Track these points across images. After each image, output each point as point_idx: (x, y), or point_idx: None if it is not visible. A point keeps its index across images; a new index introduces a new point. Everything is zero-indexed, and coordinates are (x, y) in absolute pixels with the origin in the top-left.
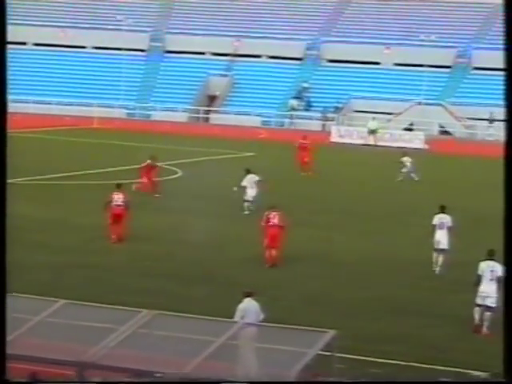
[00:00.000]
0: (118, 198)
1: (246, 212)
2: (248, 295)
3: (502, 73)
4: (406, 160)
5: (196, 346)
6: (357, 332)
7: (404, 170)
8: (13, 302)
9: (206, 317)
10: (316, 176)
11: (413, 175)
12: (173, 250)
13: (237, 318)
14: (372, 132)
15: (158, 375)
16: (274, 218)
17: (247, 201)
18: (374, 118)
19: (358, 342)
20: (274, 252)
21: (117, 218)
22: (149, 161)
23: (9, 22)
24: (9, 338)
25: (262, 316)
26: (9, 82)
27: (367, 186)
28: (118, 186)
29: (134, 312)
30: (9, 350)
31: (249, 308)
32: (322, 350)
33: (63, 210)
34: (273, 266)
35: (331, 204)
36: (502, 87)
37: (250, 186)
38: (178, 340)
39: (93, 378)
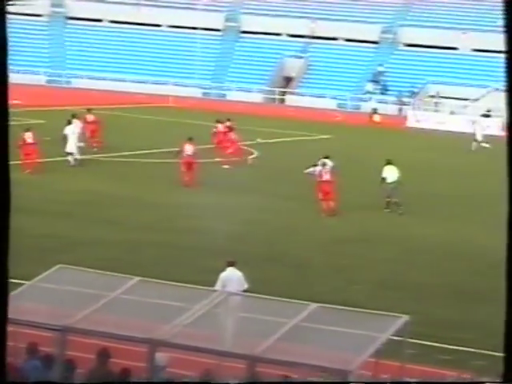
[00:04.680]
0: (188, 148)
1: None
2: (230, 264)
3: None
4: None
5: (267, 327)
6: (428, 318)
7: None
8: (88, 277)
9: (278, 298)
10: (392, 160)
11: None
12: (246, 230)
13: (218, 286)
14: (375, 111)
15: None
16: (327, 174)
17: None
18: (370, 99)
19: (428, 328)
20: (331, 203)
21: (187, 166)
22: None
23: None
24: (82, 313)
25: (245, 286)
26: (83, 59)
27: (443, 171)
28: (190, 139)
29: (207, 291)
30: (81, 326)
31: (231, 277)
32: (394, 335)
33: (137, 188)
34: (330, 215)
35: (406, 188)
36: None
37: None
38: (250, 320)
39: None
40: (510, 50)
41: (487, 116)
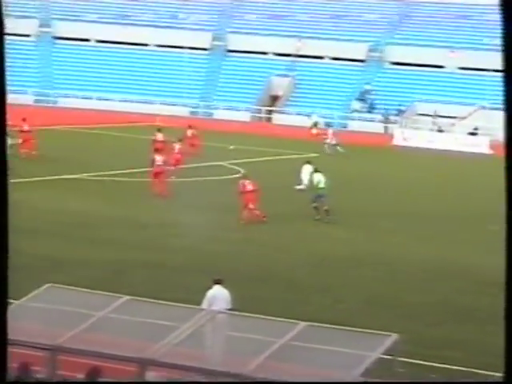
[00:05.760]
0: (159, 159)
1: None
2: (217, 282)
3: None
4: (307, 168)
5: (257, 345)
6: (417, 336)
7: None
8: (77, 296)
9: (268, 317)
10: (378, 179)
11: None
12: (235, 249)
13: (204, 305)
14: (315, 125)
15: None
16: (249, 185)
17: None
18: (312, 113)
19: (418, 347)
20: (257, 212)
21: (158, 175)
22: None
23: (72, 19)
24: (71, 332)
25: (230, 305)
26: (71, 78)
27: (431, 189)
28: (159, 150)
29: (196, 310)
30: (71, 345)
31: (217, 295)
32: (384, 354)
33: (128, 207)
34: (259, 222)
35: (394, 207)
36: None
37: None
38: (239, 339)
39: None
40: (507, 66)
41: (474, 134)
